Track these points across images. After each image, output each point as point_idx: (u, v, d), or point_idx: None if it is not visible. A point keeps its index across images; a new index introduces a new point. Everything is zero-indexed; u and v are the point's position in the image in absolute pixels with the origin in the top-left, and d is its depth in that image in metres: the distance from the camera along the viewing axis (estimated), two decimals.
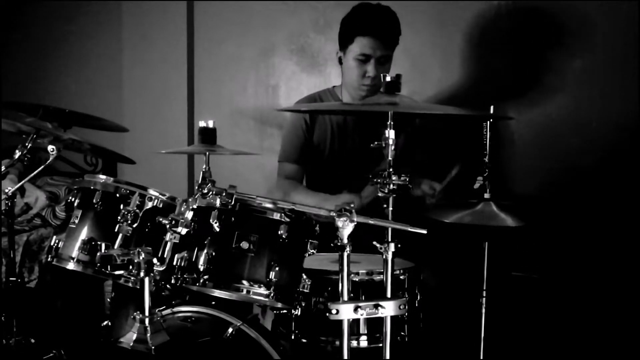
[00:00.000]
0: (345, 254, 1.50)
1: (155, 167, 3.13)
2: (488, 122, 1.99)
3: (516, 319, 2.51)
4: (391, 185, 1.59)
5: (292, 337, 1.95)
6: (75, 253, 1.79)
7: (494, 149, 2.01)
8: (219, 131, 1.86)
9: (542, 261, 2.69)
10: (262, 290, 1.72)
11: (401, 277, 1.95)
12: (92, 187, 1.83)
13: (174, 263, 1.75)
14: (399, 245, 1.59)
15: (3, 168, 2.01)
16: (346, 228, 1.48)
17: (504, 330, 2.21)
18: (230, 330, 1.88)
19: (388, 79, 1.66)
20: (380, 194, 1.61)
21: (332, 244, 1.52)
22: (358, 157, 2.55)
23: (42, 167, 2.01)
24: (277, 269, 1.72)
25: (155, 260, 1.63)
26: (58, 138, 2.02)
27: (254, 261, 1.73)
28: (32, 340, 2.14)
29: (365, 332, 1.90)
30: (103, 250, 1.72)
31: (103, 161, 3.55)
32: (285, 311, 1.92)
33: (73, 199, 1.87)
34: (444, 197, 2.30)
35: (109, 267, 1.66)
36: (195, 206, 1.64)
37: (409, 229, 1.54)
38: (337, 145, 2.58)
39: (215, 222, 1.69)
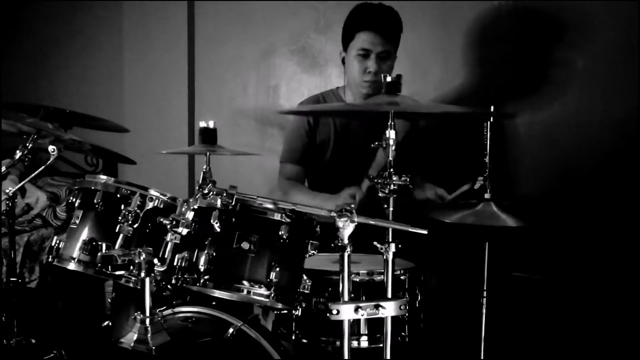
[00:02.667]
0: (346, 255, 1.50)
1: (156, 167, 3.13)
2: (489, 121, 1.99)
3: (517, 319, 2.51)
4: (392, 186, 1.59)
5: (293, 337, 1.95)
6: (76, 253, 1.79)
7: (495, 149, 2.01)
8: (219, 131, 1.86)
9: (543, 262, 2.69)
10: (263, 291, 1.72)
11: (402, 277, 1.95)
12: (93, 188, 1.83)
13: (175, 263, 1.75)
14: (400, 246, 1.59)
15: (4, 168, 2.01)
16: (347, 228, 1.48)
17: (505, 330, 2.21)
18: (230, 330, 1.88)
19: (389, 79, 1.66)
20: (380, 194, 1.61)
21: (332, 245, 1.52)
22: (361, 158, 2.55)
23: (43, 167, 2.02)
24: (277, 269, 1.72)
25: (156, 261, 1.63)
26: (59, 138, 2.02)
27: (254, 261, 1.73)
28: (33, 341, 2.14)
29: (366, 332, 1.90)
30: (104, 251, 1.72)
31: (104, 161, 3.55)
32: (285, 311, 1.92)
33: (74, 200, 1.87)
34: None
35: (109, 267, 1.67)
36: (196, 206, 1.64)
37: (410, 230, 1.54)
38: (340, 145, 2.58)
39: (216, 223, 1.69)
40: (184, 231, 1.62)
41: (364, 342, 1.90)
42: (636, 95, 2.58)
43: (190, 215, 1.63)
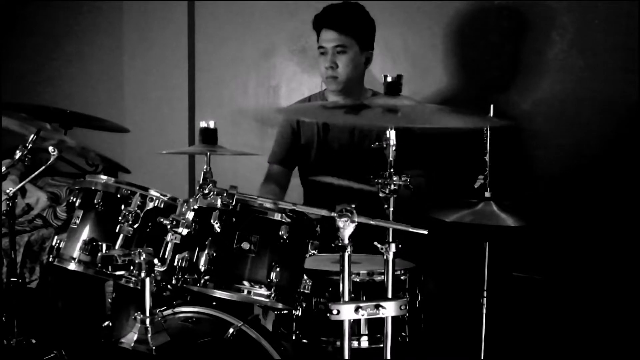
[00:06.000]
0: (346, 255, 1.50)
1: (157, 167, 3.13)
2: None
3: (517, 319, 2.51)
4: (392, 186, 1.59)
5: (293, 337, 1.95)
6: (76, 253, 1.79)
7: (495, 148, 2.01)
8: (219, 131, 1.86)
9: (543, 262, 2.69)
10: (263, 291, 1.72)
11: (402, 277, 1.95)
12: (93, 188, 1.84)
13: (175, 263, 1.75)
14: (400, 246, 1.59)
15: (4, 169, 2.01)
16: (347, 228, 1.48)
17: (505, 330, 2.21)
18: (231, 330, 1.88)
19: (389, 79, 1.65)
20: (380, 194, 1.61)
21: (332, 245, 1.52)
22: (346, 157, 2.56)
23: (43, 167, 2.02)
24: (278, 269, 1.72)
25: (156, 261, 1.63)
26: (62, 143, 2.02)
27: (254, 262, 1.73)
28: (33, 341, 2.14)
29: (366, 332, 1.90)
30: (104, 251, 1.72)
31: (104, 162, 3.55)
32: (286, 312, 1.92)
33: (74, 200, 1.87)
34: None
35: (110, 267, 1.66)
36: (196, 207, 1.64)
37: (410, 230, 1.54)
38: (323, 146, 2.60)
39: (216, 223, 1.69)
40: (184, 231, 1.62)
41: (364, 342, 1.90)
42: (636, 95, 2.58)
43: (190, 215, 1.63)
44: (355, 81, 2.50)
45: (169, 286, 1.82)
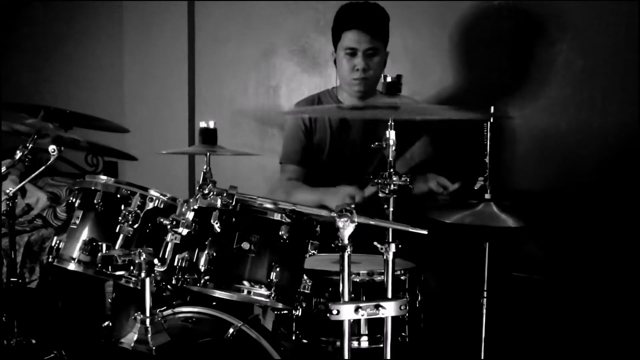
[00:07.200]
0: (346, 255, 1.50)
1: (156, 167, 3.13)
2: (489, 122, 1.99)
3: (517, 319, 2.51)
4: (392, 186, 1.59)
5: (293, 337, 1.95)
6: (76, 254, 1.79)
7: (495, 149, 2.01)
8: (219, 132, 1.86)
9: (543, 262, 2.69)
10: (263, 291, 1.72)
11: (402, 277, 1.95)
12: (93, 188, 1.83)
13: (175, 263, 1.75)
14: (400, 246, 1.59)
15: (4, 169, 2.01)
16: (347, 229, 1.48)
17: (505, 330, 2.21)
18: (231, 330, 1.88)
19: (389, 79, 1.66)
20: (380, 194, 1.61)
21: (332, 245, 1.52)
22: (358, 156, 2.55)
23: (43, 167, 2.02)
24: (277, 269, 1.72)
25: (156, 261, 1.63)
26: (60, 137, 2.02)
27: (254, 262, 1.73)
28: (33, 341, 2.14)
29: (366, 332, 1.90)
30: (104, 251, 1.72)
31: (104, 161, 3.55)
32: (286, 312, 1.92)
33: (74, 200, 1.87)
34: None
35: (110, 267, 1.67)
36: (196, 207, 1.64)
37: (410, 230, 1.54)
38: (336, 144, 2.59)
39: (216, 223, 1.69)
40: (184, 231, 1.62)
41: (364, 342, 1.90)
42: (636, 95, 2.58)
43: (190, 215, 1.64)
44: (376, 84, 2.51)
45: (169, 286, 1.83)
